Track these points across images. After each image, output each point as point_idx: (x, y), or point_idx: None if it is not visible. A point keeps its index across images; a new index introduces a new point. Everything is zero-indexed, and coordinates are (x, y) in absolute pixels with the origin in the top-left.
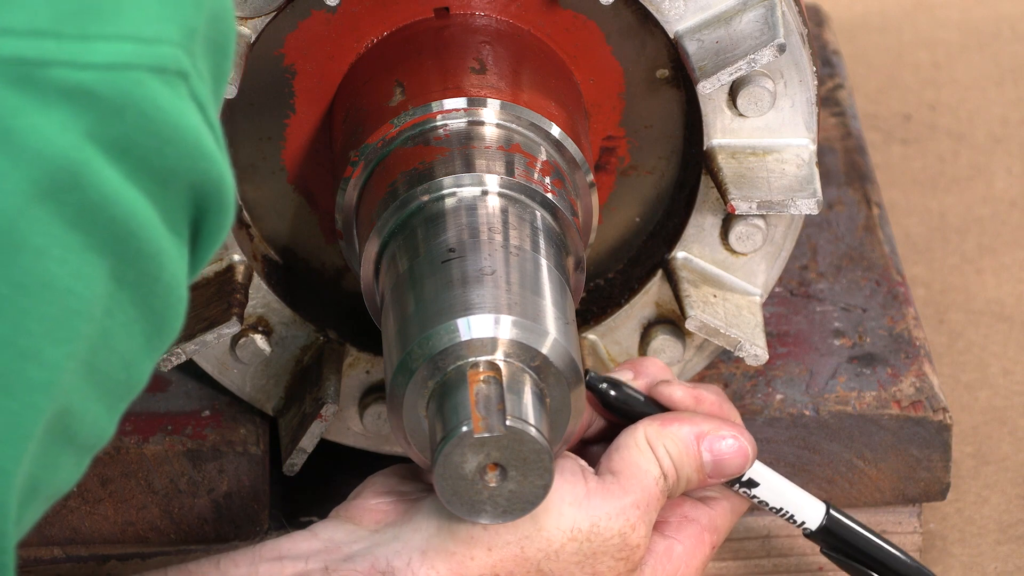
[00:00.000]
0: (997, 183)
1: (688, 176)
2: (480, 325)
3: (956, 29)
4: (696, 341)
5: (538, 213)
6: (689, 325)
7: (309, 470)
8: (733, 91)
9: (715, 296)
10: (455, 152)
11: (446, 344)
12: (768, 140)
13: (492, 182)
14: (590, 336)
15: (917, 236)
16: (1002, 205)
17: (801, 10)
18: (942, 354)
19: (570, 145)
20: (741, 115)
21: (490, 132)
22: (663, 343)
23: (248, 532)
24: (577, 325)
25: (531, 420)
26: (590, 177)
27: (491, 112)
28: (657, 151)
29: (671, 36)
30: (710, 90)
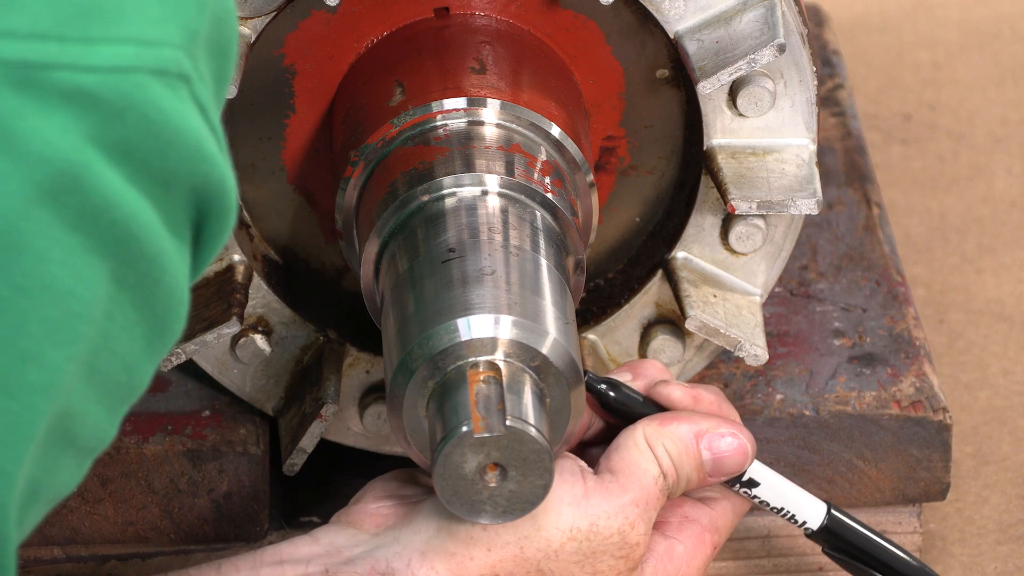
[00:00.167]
0: (997, 183)
1: (688, 176)
2: (480, 325)
3: (956, 29)
4: (696, 341)
5: (538, 213)
6: (689, 325)
7: (309, 470)
8: (733, 91)
9: (715, 296)
10: (455, 152)
11: (446, 344)
12: (768, 140)
13: (492, 182)
14: (590, 336)
15: (917, 236)
16: (1002, 205)
17: (801, 10)
18: (942, 354)
19: (570, 145)
20: (741, 115)
21: (490, 132)
22: (663, 343)
23: (248, 532)
24: (577, 325)
25: (531, 420)
26: (590, 177)
27: (491, 112)
28: (657, 151)
29: (671, 36)
30: (710, 90)
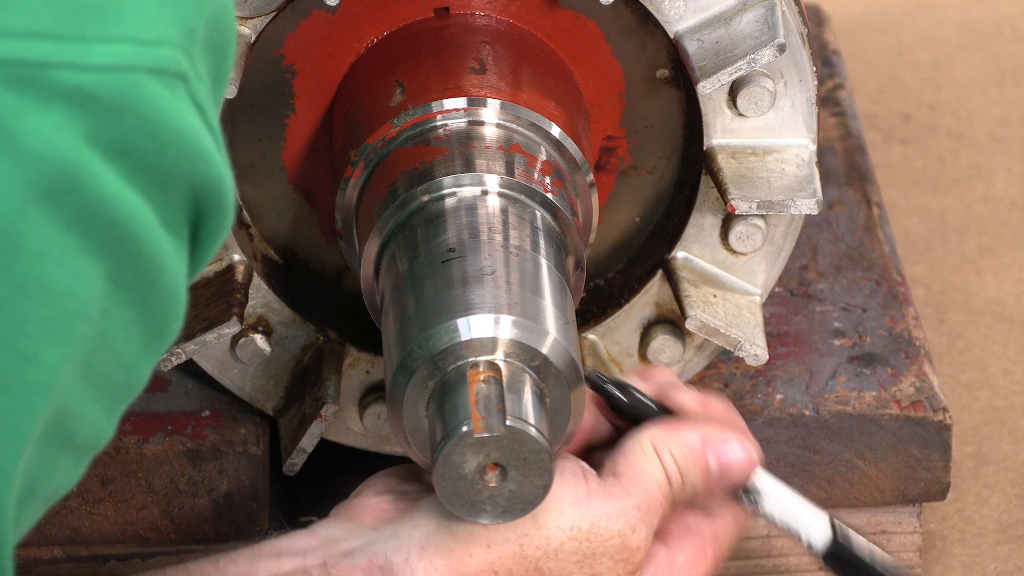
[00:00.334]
0: (997, 183)
1: (688, 176)
2: (480, 325)
3: (956, 29)
4: (696, 341)
5: (538, 213)
6: (689, 325)
7: (309, 470)
8: (733, 91)
9: (715, 296)
10: (455, 152)
11: (446, 344)
12: (768, 140)
13: (492, 182)
14: (590, 336)
15: (917, 236)
16: (1002, 205)
17: (801, 10)
18: (942, 354)
19: (570, 145)
20: (741, 115)
21: (490, 132)
22: (663, 343)
23: (248, 532)
24: (577, 325)
25: (531, 420)
26: (590, 177)
27: (491, 112)
28: (657, 151)
29: (671, 36)
30: (710, 90)
